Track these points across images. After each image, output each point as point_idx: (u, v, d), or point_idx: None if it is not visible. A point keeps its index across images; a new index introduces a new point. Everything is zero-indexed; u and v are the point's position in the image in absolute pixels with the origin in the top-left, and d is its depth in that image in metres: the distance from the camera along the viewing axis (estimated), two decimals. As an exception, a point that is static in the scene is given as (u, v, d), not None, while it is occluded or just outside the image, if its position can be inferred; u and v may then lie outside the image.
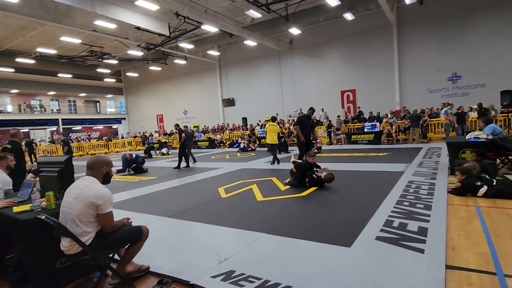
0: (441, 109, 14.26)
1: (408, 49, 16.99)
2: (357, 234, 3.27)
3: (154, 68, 25.81)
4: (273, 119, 10.00)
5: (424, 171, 6.49)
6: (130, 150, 22.14)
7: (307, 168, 5.91)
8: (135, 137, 24.39)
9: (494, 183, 4.53)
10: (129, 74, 28.48)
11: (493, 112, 12.41)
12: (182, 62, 23.62)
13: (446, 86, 16.32)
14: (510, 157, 6.01)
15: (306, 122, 7.56)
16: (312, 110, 7.72)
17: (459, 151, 6.16)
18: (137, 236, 2.62)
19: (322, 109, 17.69)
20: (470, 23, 15.37)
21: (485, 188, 4.40)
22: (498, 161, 6.02)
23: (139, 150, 21.53)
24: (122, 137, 26.43)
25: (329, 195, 5.18)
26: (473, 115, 12.88)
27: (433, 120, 13.71)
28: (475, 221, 3.54)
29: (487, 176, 4.65)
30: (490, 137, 5.99)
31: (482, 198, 4.36)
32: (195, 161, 11.25)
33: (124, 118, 32.46)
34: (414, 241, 3.01)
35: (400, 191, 4.98)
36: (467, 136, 6.46)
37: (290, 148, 14.04)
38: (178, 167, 10.07)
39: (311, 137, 7.78)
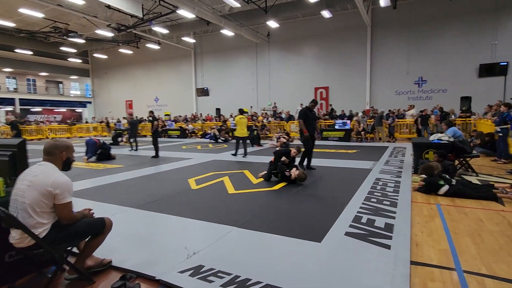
0: (407, 110, 14.99)
1: (380, 51, 17.57)
2: (327, 230, 3.30)
3: (125, 51, 24.48)
4: (241, 111, 9.82)
5: (390, 169, 6.75)
6: (95, 136, 21.00)
7: (284, 154, 5.89)
8: (101, 122, 23.13)
9: (453, 183, 4.80)
10: (96, 55, 26.79)
11: (452, 116, 13.22)
12: (155, 47, 22.64)
13: (412, 89, 17.14)
14: (467, 159, 6.41)
15: (310, 115, 6.96)
16: (314, 102, 7.13)
17: (423, 151, 6.47)
18: (99, 228, 2.42)
19: (301, 104, 17.56)
20: (437, 31, 16.18)
21: (446, 187, 4.65)
22: (456, 162, 6.40)
23: (105, 136, 20.51)
24: (87, 122, 24.98)
25: (300, 190, 5.21)
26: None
27: (399, 121, 14.36)
28: (436, 218, 3.72)
29: (447, 176, 4.92)
30: (451, 139, 6.35)
31: (443, 197, 4.60)
32: (136, 149, 11.60)
33: (90, 102, 30.66)
34: (381, 237, 3.09)
35: (368, 188, 5.13)
36: (431, 138, 6.81)
37: (262, 141, 14.04)
38: (156, 156, 9.71)
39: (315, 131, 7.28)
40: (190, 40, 21.97)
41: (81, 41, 21.17)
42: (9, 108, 25.39)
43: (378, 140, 13.46)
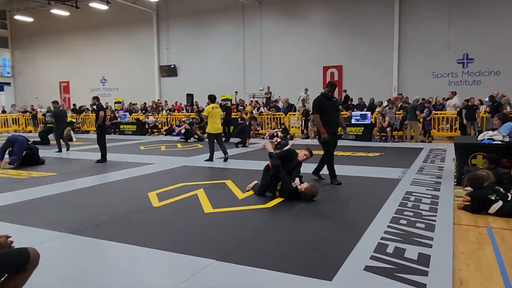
0: (448, 99, 15.19)
1: (412, 22, 17.87)
2: (341, 263, 3.31)
3: (59, 12, 24.11)
4: (212, 98, 9.87)
5: (425, 180, 6.86)
6: (16, 131, 20.60)
7: (285, 157, 5.92)
8: (24, 112, 22.65)
9: (509, 198, 4.88)
10: (18, 17, 26.27)
11: (508, 107, 13.51)
12: (103, 7, 22.35)
13: (455, 71, 17.49)
14: (528, 166, 6.55)
15: (328, 104, 6.64)
16: (331, 86, 6.81)
17: (469, 155, 6.58)
18: (21, 263, 2.37)
19: (306, 90, 17.62)
20: (489, -6, 16.56)
21: (500, 203, 4.72)
22: (513, 170, 6.54)
23: (30, 132, 20.16)
24: (4, 112, 24.40)
25: (303, 207, 5.23)
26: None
27: (438, 113, 14.53)
28: (487, 246, 3.78)
29: (501, 189, 4.99)
30: (507, 139, 6.46)
31: (495, 217, 4.68)
32: (68, 149, 12.00)
33: (9, 83, 30.15)
34: (413, 272, 3.11)
35: (396, 205, 5.18)
36: (480, 137, 6.92)
37: (251, 140, 14.05)
38: (103, 160, 9.65)
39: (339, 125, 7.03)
40: (151, -2, 21.81)
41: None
42: None
43: (409, 140, 13.64)
